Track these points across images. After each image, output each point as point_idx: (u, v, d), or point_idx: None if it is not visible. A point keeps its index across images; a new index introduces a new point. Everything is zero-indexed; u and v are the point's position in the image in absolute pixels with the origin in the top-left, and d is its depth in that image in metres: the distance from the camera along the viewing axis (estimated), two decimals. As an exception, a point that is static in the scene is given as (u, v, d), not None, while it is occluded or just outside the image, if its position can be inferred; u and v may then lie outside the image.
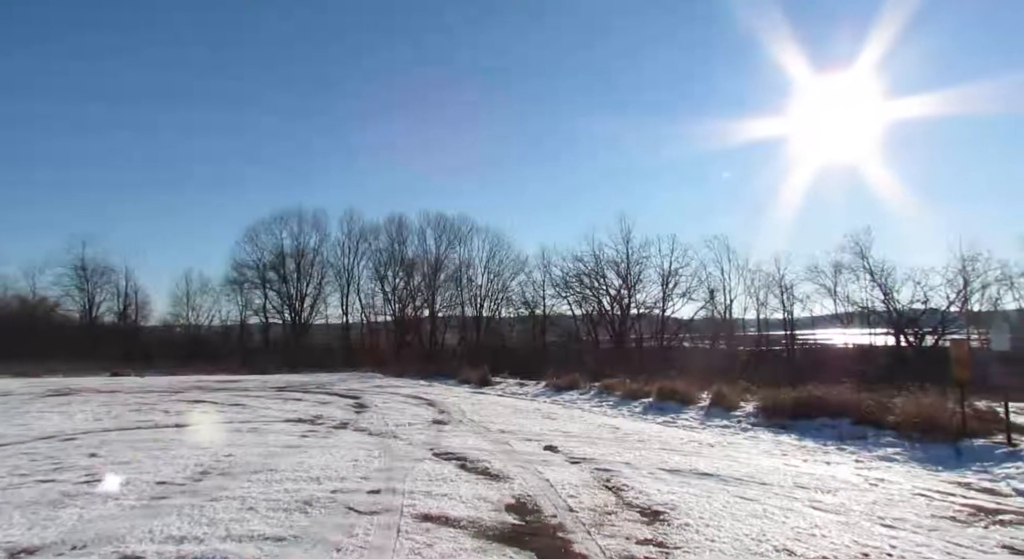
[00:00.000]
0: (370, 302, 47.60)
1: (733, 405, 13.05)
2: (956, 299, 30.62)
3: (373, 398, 16.38)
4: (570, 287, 41.29)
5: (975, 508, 5.84)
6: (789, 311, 36.70)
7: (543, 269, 42.65)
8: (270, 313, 47.68)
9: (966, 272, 30.40)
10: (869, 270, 32.66)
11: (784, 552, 4.26)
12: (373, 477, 6.34)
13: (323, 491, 5.61)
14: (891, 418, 10.12)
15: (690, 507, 5.40)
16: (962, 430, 9.11)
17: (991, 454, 8.41)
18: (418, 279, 46.28)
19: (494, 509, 5.21)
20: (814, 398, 11.60)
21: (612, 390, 16.75)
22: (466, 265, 45.90)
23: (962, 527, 5.14)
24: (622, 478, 6.57)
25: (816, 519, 5.15)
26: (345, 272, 47.28)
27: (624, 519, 5.01)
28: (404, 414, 12.61)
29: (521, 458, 7.70)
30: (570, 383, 18.78)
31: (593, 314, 41.13)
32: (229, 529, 4.40)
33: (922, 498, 6.20)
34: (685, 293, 38.84)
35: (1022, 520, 5.44)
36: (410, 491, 5.72)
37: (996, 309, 31.25)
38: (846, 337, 36.50)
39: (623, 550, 4.23)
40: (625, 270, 39.48)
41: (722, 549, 4.29)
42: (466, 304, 46.11)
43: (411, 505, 5.22)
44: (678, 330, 40.19)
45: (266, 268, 47.00)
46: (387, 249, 46.83)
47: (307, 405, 14.37)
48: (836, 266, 34.17)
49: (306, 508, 5.01)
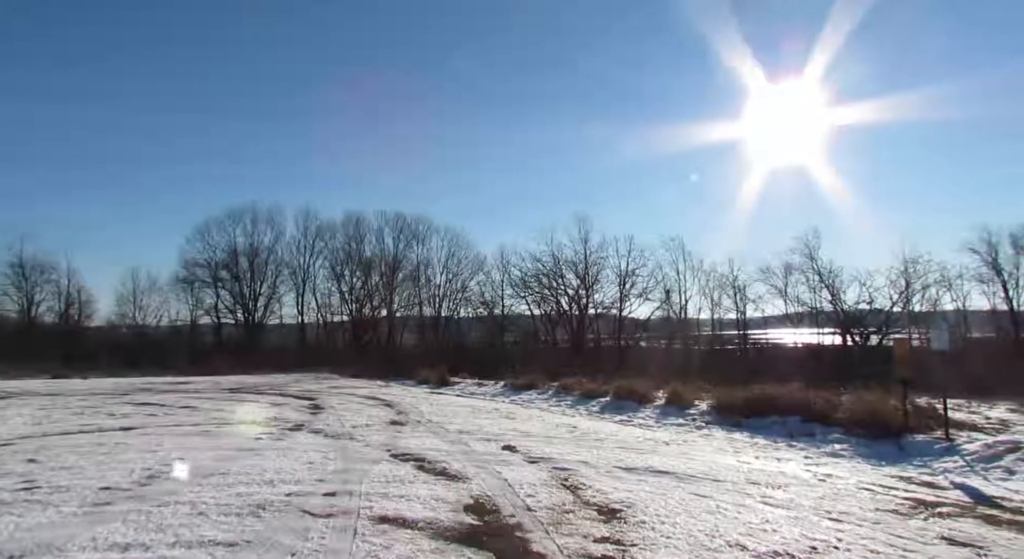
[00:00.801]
0: (326, 302, 46.88)
1: (688, 404, 13.30)
2: (899, 300, 31.93)
3: (329, 399, 16.12)
4: (529, 287, 41.47)
5: (916, 501, 6.09)
6: (742, 311, 37.61)
7: (502, 269, 42.72)
8: (222, 313, 46.47)
9: (908, 274, 31.75)
10: (817, 271, 33.77)
11: (737, 547, 4.36)
12: (329, 479, 6.24)
13: (277, 494, 5.49)
14: (838, 415, 10.47)
15: (646, 504, 5.47)
16: (904, 426, 9.50)
17: (931, 449, 8.79)
18: (376, 278, 45.83)
19: (452, 510, 5.19)
20: (766, 397, 11.93)
21: (570, 389, 16.87)
22: (424, 265, 45.66)
23: (904, 519, 5.36)
24: (580, 477, 6.63)
25: (767, 514, 5.30)
26: (301, 271, 46.40)
27: (582, 517, 5.05)
28: (361, 415, 12.44)
29: (479, 458, 7.68)
30: (528, 383, 18.84)
31: (551, 314, 41.38)
32: (178, 535, 4.26)
33: (867, 492, 6.43)
34: (642, 293, 39.43)
35: (959, 512, 5.70)
36: (367, 493, 5.65)
37: (935, 309, 32.69)
38: (796, 337, 37.58)
39: (581, 548, 4.26)
40: (583, 270, 39.86)
41: (677, 545, 4.37)
42: (424, 304, 45.89)
43: (368, 507, 5.15)
44: (635, 330, 40.77)
45: (218, 266, 45.75)
46: (344, 248, 46.18)
47: (260, 407, 14.05)
48: (786, 267, 35.20)
49: (259, 512, 4.89)
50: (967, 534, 4.93)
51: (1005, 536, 4.93)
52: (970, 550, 4.51)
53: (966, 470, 7.80)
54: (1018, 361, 24.32)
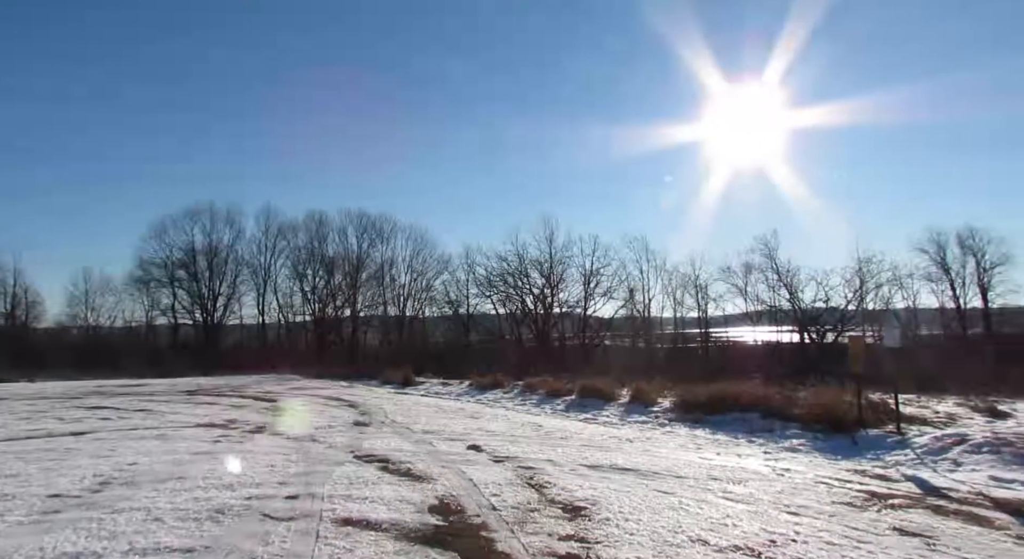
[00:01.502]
0: (288, 302, 46.01)
1: (651, 401, 13.46)
2: (853, 298, 32.92)
3: (291, 400, 15.85)
4: (494, 286, 41.48)
5: (869, 494, 6.28)
6: (704, 310, 38.34)
7: (467, 268, 42.60)
8: (179, 313, 45.29)
9: (862, 273, 32.76)
10: (776, 271, 34.62)
11: (699, 542, 4.43)
12: (291, 482, 6.13)
13: (237, 498, 5.37)
14: (796, 411, 10.73)
15: (610, 502, 5.52)
16: (858, 421, 9.78)
17: (883, 443, 9.07)
18: (339, 278, 45.18)
19: (417, 511, 5.15)
20: (727, 394, 12.15)
21: (535, 388, 16.92)
22: (389, 264, 45.19)
23: (858, 512, 5.52)
24: (545, 475, 6.65)
25: (728, 509, 5.40)
26: (262, 270, 45.47)
27: (547, 516, 5.06)
28: (323, 416, 12.26)
29: (445, 458, 7.65)
30: (494, 382, 18.82)
31: (517, 313, 41.46)
32: (132, 542, 4.13)
33: (823, 486, 6.61)
34: (606, 292, 39.85)
35: (910, 503, 5.90)
36: (330, 495, 5.57)
37: (888, 308, 33.86)
38: (755, 334, 38.48)
39: (546, 547, 4.28)
40: (548, 269, 40.05)
41: (641, 542, 4.41)
42: (389, 303, 45.44)
43: (331, 509, 5.08)
44: (599, 329, 41.14)
45: (175, 266, 44.50)
46: (306, 247, 45.37)
47: (220, 409, 13.73)
48: (747, 267, 36.02)
49: (218, 517, 4.78)
50: (917, 525, 5.11)
51: (952, 526, 5.11)
52: (920, 540, 4.66)
53: (916, 463, 8.07)
54: (964, 357, 25.29)
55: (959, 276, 34.82)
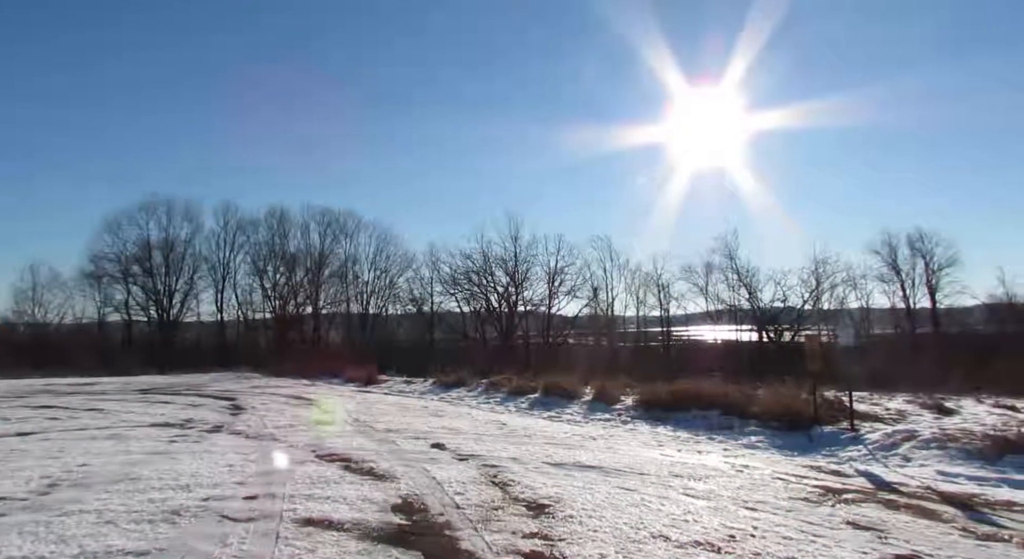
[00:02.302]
0: (248, 298, 44.96)
1: (614, 399, 13.60)
2: (810, 298, 33.87)
3: (250, 399, 15.53)
4: (458, 284, 41.39)
5: (824, 489, 6.45)
6: (666, 309, 38.94)
7: (431, 266, 42.41)
8: (133, 310, 43.70)
9: (818, 273, 33.74)
10: (736, 271, 35.41)
11: (660, 538, 4.49)
12: (250, 482, 6.01)
13: (193, 499, 5.23)
14: (755, 408, 10.97)
15: (574, 499, 5.55)
16: (814, 418, 10.05)
17: (837, 439, 9.34)
18: (300, 275, 44.38)
19: (380, 510, 5.10)
20: (688, 391, 12.37)
21: (499, 387, 16.93)
22: (352, 261, 44.63)
23: (814, 506, 5.67)
24: (509, 473, 6.66)
25: (689, 505, 5.48)
26: (220, 266, 44.28)
27: (511, 514, 5.07)
28: (284, 415, 12.05)
29: (408, 457, 7.59)
30: (458, 380, 18.78)
31: (481, 311, 41.44)
32: (83, 546, 3.99)
33: (780, 482, 6.77)
34: (570, 291, 40.13)
35: (863, 498, 6.08)
36: (291, 495, 5.47)
37: (842, 307, 34.90)
38: (716, 333, 39.21)
39: (509, 544, 4.28)
40: (513, 268, 40.14)
41: (603, 539, 4.45)
42: (352, 301, 44.91)
43: (292, 510, 4.99)
44: (563, 327, 41.40)
45: (129, 261, 42.92)
46: (267, 243, 44.38)
47: (176, 408, 13.37)
48: (707, 266, 36.76)
49: (174, 518, 4.65)
50: (869, 518, 5.27)
51: (902, 519, 5.29)
52: (872, 533, 4.81)
53: (869, 458, 8.34)
54: (914, 355, 26.21)
55: (909, 277, 36.08)
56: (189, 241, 44.10)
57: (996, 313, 34.20)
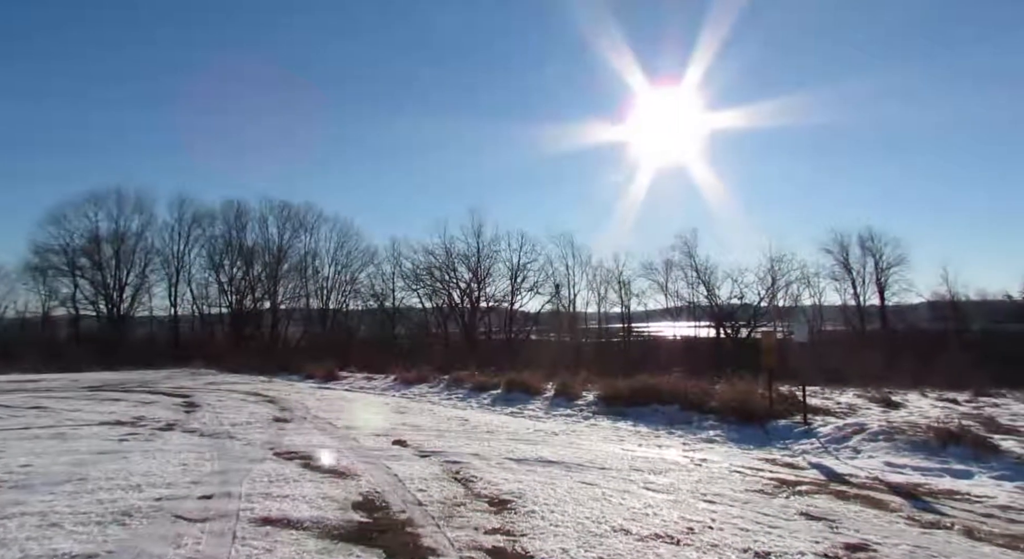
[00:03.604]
0: (203, 293, 43.73)
1: (576, 395, 13.70)
2: (765, 295, 34.73)
3: (206, 396, 15.15)
4: (421, 280, 41.15)
5: (779, 481, 6.62)
6: (626, 305, 39.43)
7: (393, 261, 42.06)
8: (81, 304, 42.00)
9: (774, 271, 34.65)
10: (695, 268, 36.19)
11: (621, 532, 4.54)
12: (205, 481, 5.85)
13: (145, 500, 5.07)
14: (713, 403, 11.19)
15: (536, 494, 5.58)
16: (770, 412, 10.31)
17: (792, 432, 9.60)
18: (258, 269, 43.43)
19: (340, 508, 5.03)
20: (648, 387, 12.53)
21: (462, 383, 16.89)
22: (312, 255, 43.84)
23: (769, 498, 5.82)
24: (471, 469, 6.65)
25: (649, 499, 5.56)
26: (174, 260, 42.88)
27: (473, 510, 5.06)
28: (241, 412, 11.79)
29: (369, 454, 7.51)
30: (420, 376, 18.67)
31: (443, 307, 41.30)
32: (25, 550, 3.82)
33: (737, 475, 6.92)
34: (532, 287, 40.31)
35: (815, 489, 6.26)
36: (248, 494, 5.35)
37: (796, 304, 35.92)
38: (675, 329, 39.87)
39: (472, 541, 4.27)
40: (475, 264, 40.13)
41: (565, 533, 4.48)
42: (311, 296, 44.16)
43: (249, 509, 4.88)
44: (525, 323, 41.54)
45: (76, 253, 41.28)
46: (224, 236, 43.20)
47: (127, 406, 12.95)
48: (667, 264, 37.44)
49: (124, 520, 4.50)
50: (821, 509, 5.43)
51: (852, 509, 5.47)
52: (824, 523, 4.96)
53: (821, 451, 8.59)
54: (864, 351, 27.12)
55: (860, 275, 37.34)
56: (141, 233, 42.67)
57: (939, 310, 35.64)
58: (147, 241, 42.85)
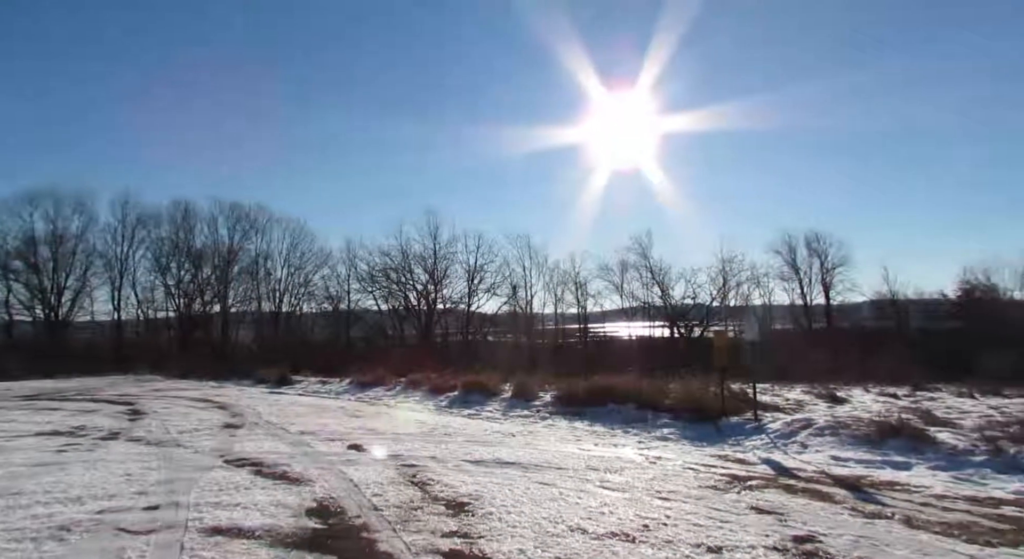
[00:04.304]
0: (149, 296, 42.05)
1: (533, 395, 13.74)
2: (717, 295, 35.57)
3: (152, 403, 14.63)
4: (376, 282, 40.64)
5: (731, 477, 6.78)
6: (583, 306, 39.72)
7: (348, 263, 41.34)
8: (15, 308, 39.70)
9: (725, 272, 35.51)
10: (650, 269, 36.77)
11: (578, 531, 4.57)
12: (151, 492, 5.65)
13: (86, 513, 4.86)
14: (667, 402, 11.37)
15: (493, 496, 5.57)
16: (722, 410, 10.54)
17: (743, 429, 9.84)
18: (208, 271, 42.08)
19: (293, 515, 4.92)
20: (603, 387, 12.66)
21: (419, 385, 16.76)
22: (264, 257, 42.72)
23: (721, 494, 5.95)
24: (428, 472, 6.60)
25: (605, 497, 5.62)
26: (117, 262, 41.07)
27: (430, 513, 5.02)
28: (189, 419, 11.43)
29: (324, 459, 7.38)
30: (376, 379, 18.45)
31: (400, 309, 40.89)
32: (-46, 569, 3.63)
33: (691, 471, 7.05)
34: (490, 289, 40.21)
35: (765, 484, 6.43)
36: (196, 503, 5.19)
37: (747, 304, 36.87)
38: (630, 330, 40.40)
39: (429, 544, 4.24)
40: (432, 265, 39.82)
41: (523, 534, 4.49)
42: (263, 299, 42.98)
43: (198, 519, 4.73)
44: (483, 324, 41.46)
45: (9, 256, 39.14)
46: (170, 238, 41.61)
47: (66, 415, 12.40)
48: (623, 265, 37.93)
49: (62, 534, 4.30)
50: (771, 503, 5.58)
51: (800, 503, 5.64)
52: (773, 517, 5.10)
53: (770, 446, 8.83)
54: (811, 349, 27.99)
55: (806, 275, 38.53)
56: (81, 235, 40.65)
57: (881, 309, 37.08)
58: (88, 243, 40.94)
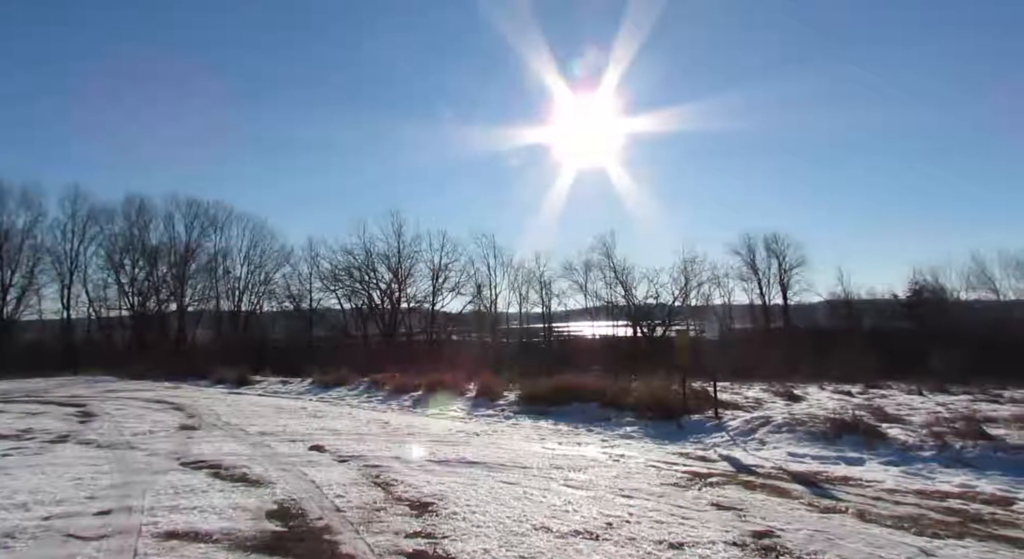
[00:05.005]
0: (101, 295, 40.73)
1: (498, 395, 13.74)
2: (679, 295, 36.14)
3: (104, 405, 14.16)
4: (339, 281, 40.15)
5: (692, 474, 6.88)
6: (547, 306, 39.96)
7: (310, 261, 40.80)
8: (-45, 306, 38.34)
9: (687, 272, 36.13)
10: (613, 269, 37.20)
11: (542, 530, 4.59)
12: (102, 496, 5.47)
13: (32, 519, 4.68)
14: (630, 400, 11.49)
15: (457, 496, 5.55)
16: (684, 408, 10.69)
17: (703, 427, 10.00)
18: (164, 269, 40.95)
19: (253, 518, 4.82)
20: (568, 386, 12.73)
21: (382, 385, 16.59)
22: (223, 255, 41.83)
23: (683, 491, 6.04)
24: (392, 473, 6.54)
25: (569, 496, 5.65)
26: (68, 259, 39.66)
27: (393, 514, 4.98)
28: (144, 421, 11.10)
29: (284, 461, 7.25)
30: (338, 379, 18.21)
31: (363, 308, 40.47)
32: None
33: (653, 469, 7.14)
34: (454, 288, 40.12)
35: (725, 481, 6.55)
36: (151, 507, 5.04)
37: (708, 304, 37.60)
38: (594, 329, 40.79)
39: (392, 545, 4.20)
40: (396, 264, 39.56)
41: (487, 533, 4.48)
42: (222, 297, 42.14)
43: (152, 523, 4.59)
44: (447, 324, 41.32)
45: (-50, 253, 37.58)
46: (124, 234, 40.45)
47: (11, 418, 11.90)
48: (587, 264, 38.30)
49: (7, 542, 4.13)
50: (731, 499, 5.69)
51: (759, 498, 5.76)
52: (733, 513, 5.20)
53: (731, 443, 9.00)
54: (769, 348, 28.66)
55: (765, 276, 39.52)
56: (28, 230, 39.06)
57: (836, 309, 38.21)
58: (36, 239, 39.39)
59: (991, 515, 5.16)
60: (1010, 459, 6.95)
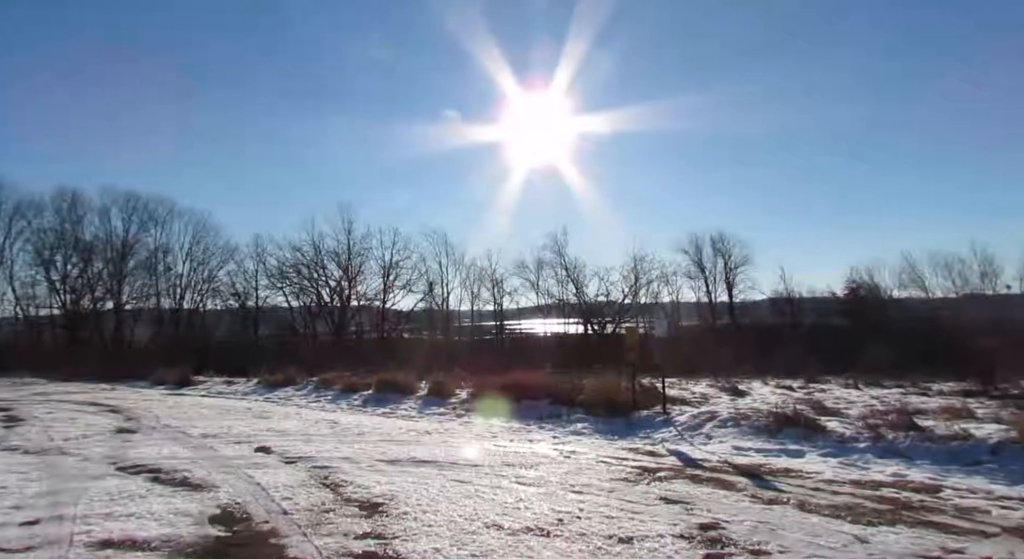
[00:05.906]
0: (29, 292, 38.61)
1: (449, 393, 13.68)
2: (629, 293, 36.70)
3: (32, 408, 13.46)
4: (287, 278, 39.22)
5: (642, 469, 7.00)
6: (499, 303, 39.96)
7: (257, 258, 39.62)
8: None
9: (637, 270, 36.69)
10: (565, 267, 37.46)
11: (494, 527, 4.58)
12: (29, 505, 5.19)
13: (-47, 530, 4.40)
14: (581, 397, 11.60)
15: (408, 495, 5.50)
16: (633, 404, 10.87)
17: (652, 422, 10.19)
18: (99, 265, 39.07)
19: (195, 523, 4.66)
20: (520, 383, 12.77)
21: (331, 384, 16.29)
22: (163, 251, 40.19)
23: (632, 486, 6.13)
24: (341, 474, 6.43)
25: (521, 493, 5.67)
26: (-9, 255, 37.67)
27: (343, 515, 4.89)
28: (77, 424, 10.59)
29: (228, 463, 7.03)
30: (285, 379, 17.79)
31: (312, 306, 39.66)
32: None
33: (604, 465, 7.23)
34: (405, 285, 39.69)
35: (673, 475, 6.69)
36: (84, 515, 4.81)
37: (657, 301, 38.31)
38: (546, 326, 41.01)
39: (341, 547, 4.12)
40: (346, 261, 38.92)
41: (438, 532, 4.45)
42: (163, 295, 40.51)
43: (85, 532, 4.38)
44: (398, 322, 40.88)
45: None
46: (55, 229, 38.36)
47: (-70, 422, 11.19)
48: (539, 262, 38.42)
49: (-76, 555, 3.88)
50: (679, 493, 5.81)
51: (705, 492, 5.90)
52: (681, 506, 5.31)
53: (678, 438, 9.19)
54: (715, 345, 29.39)
55: (711, 274, 40.49)
56: (-53, 226, 36.91)
57: (778, 306, 39.47)
58: (-47, 234, 37.15)
59: (920, 502, 5.42)
60: (938, 449, 7.32)
